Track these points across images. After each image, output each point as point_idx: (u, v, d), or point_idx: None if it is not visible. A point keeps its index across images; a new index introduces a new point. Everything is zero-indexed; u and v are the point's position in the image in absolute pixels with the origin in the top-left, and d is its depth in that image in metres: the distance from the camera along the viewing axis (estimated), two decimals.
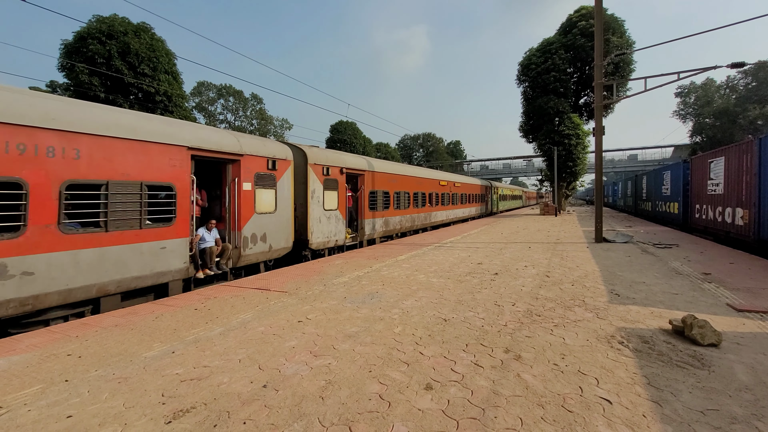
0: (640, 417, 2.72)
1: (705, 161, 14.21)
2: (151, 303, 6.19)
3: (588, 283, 6.93)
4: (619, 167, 70.58)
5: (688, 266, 8.35)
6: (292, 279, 7.78)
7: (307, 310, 5.53)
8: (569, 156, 29.93)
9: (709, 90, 53.07)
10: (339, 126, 54.57)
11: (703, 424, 2.62)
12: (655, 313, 5.09)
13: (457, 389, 3.15)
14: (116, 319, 5.33)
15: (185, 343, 4.32)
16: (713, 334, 3.99)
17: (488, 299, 5.94)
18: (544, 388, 3.15)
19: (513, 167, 79.23)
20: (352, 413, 2.83)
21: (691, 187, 15.77)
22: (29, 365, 3.82)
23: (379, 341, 4.27)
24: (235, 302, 6.07)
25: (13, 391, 3.26)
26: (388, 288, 6.79)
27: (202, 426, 2.70)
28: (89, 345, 4.35)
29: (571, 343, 4.10)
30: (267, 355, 3.95)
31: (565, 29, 31.24)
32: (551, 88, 30.06)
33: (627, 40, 28.95)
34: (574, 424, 2.65)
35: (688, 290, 6.30)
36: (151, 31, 26.84)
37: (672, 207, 18.43)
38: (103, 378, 3.49)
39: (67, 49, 24.15)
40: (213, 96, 53.09)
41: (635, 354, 3.80)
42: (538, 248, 11.67)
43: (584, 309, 5.35)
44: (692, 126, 54.06)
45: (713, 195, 13.39)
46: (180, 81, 28.90)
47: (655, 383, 3.19)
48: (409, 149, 78.77)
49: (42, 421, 2.78)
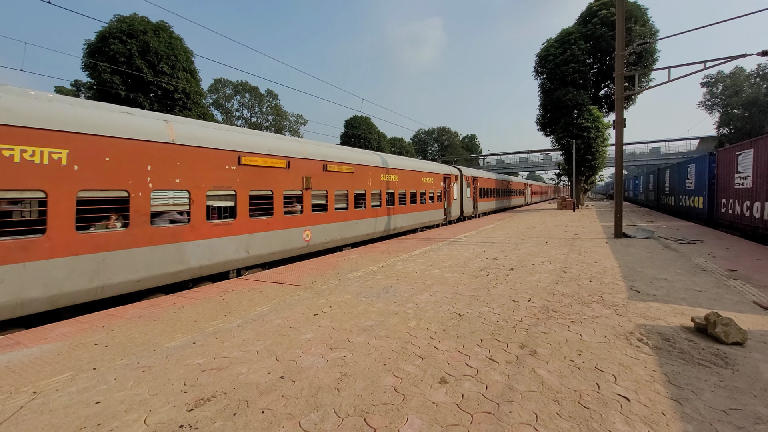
0: (659, 415, 2.67)
1: (732, 154, 13.67)
2: (173, 296, 6.39)
3: (606, 279, 6.80)
4: (640, 161, 68.52)
5: (712, 262, 8.09)
6: (307, 273, 7.89)
7: (323, 304, 5.61)
8: (588, 149, 29.20)
9: (738, 79, 50.84)
10: (353, 121, 54.63)
11: (726, 423, 2.56)
12: (677, 311, 4.96)
13: (471, 383, 3.16)
14: (140, 311, 5.52)
15: (205, 335, 4.45)
16: (738, 332, 3.87)
17: (503, 295, 5.90)
18: (560, 384, 3.13)
19: (530, 161, 77.87)
20: (367, 405, 2.87)
21: (717, 180, 15.21)
22: (60, 353, 4.00)
23: (394, 335, 4.31)
24: (253, 295, 6.20)
25: (45, 378, 3.43)
26: (403, 283, 6.81)
27: (222, 414, 2.79)
28: (115, 335, 4.53)
29: (589, 340, 4.05)
30: (284, 347, 4.03)
31: (585, 19, 30.36)
32: (570, 80, 29.34)
33: (650, 28, 27.92)
34: (591, 420, 2.62)
35: (712, 287, 6.11)
36: (170, 30, 27.33)
37: (696, 201, 17.84)
38: (129, 366, 3.63)
39: (90, 48, 24.82)
40: (230, 93, 53.87)
41: (655, 351, 3.72)
42: (555, 243, 11.49)
43: (602, 305, 5.26)
44: (719, 117, 51.98)
45: (741, 189, 12.88)
46: (198, 78, 29.39)
47: (675, 381, 3.13)
48: (423, 144, 78.31)
49: (72, 406, 2.93)
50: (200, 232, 7.18)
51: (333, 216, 11.08)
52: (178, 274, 6.86)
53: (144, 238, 6.27)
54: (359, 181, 12.49)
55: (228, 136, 7.93)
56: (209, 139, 7.47)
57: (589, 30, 29.17)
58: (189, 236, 6.96)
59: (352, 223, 12.03)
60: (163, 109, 25.78)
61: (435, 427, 2.58)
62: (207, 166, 7.35)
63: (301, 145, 10.15)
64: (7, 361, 3.83)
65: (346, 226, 11.71)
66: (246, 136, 8.53)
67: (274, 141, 9.27)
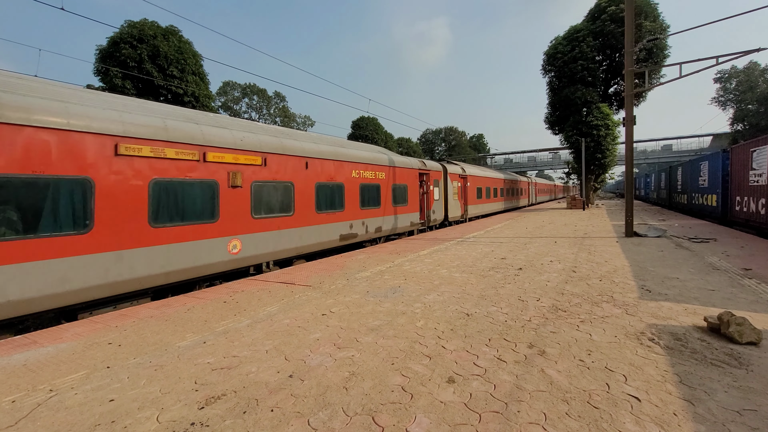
0: (670, 415, 2.64)
1: (747, 150, 13.39)
2: (183, 296, 6.47)
3: (617, 278, 6.72)
4: (651, 158, 67.37)
5: (726, 261, 7.94)
6: (315, 273, 7.93)
7: (331, 304, 5.64)
8: (598, 147, 28.83)
9: (753, 74, 49.71)
10: (360, 122, 54.71)
11: (739, 424, 2.52)
12: (689, 310, 4.88)
13: (479, 383, 3.15)
14: (151, 311, 5.61)
15: (215, 334, 4.51)
16: (752, 331, 3.80)
17: (512, 294, 5.86)
18: (569, 383, 3.11)
19: (538, 160, 77.16)
20: (375, 404, 2.88)
21: (731, 178, 14.91)
22: (75, 352, 4.09)
23: (402, 335, 4.31)
24: (261, 295, 6.26)
25: (61, 376, 3.51)
26: (411, 282, 6.82)
27: (232, 412, 2.82)
28: (127, 335, 4.61)
29: (598, 340, 4.01)
30: (292, 346, 4.07)
31: (594, 15, 29.98)
32: (579, 78, 29.00)
33: (660, 24, 27.46)
34: (600, 420, 2.60)
35: (725, 286, 6.00)
36: (179, 34, 27.71)
37: (710, 199, 17.52)
38: (141, 365, 3.70)
39: (102, 54, 25.29)
40: (238, 95, 54.37)
41: (666, 351, 3.67)
42: (564, 243, 11.38)
43: (612, 305, 5.20)
44: (733, 113, 50.92)
45: (756, 186, 12.61)
46: (207, 81, 29.74)
47: (687, 381, 3.09)
48: (431, 144, 78.12)
49: (87, 404, 2.99)
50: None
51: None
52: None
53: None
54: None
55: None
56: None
57: (597, 27, 28.81)
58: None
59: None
60: None
61: (443, 426, 2.59)
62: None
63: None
64: (25, 359, 3.93)
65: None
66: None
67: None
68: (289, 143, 9.47)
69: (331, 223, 10.75)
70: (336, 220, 10.95)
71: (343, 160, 11.36)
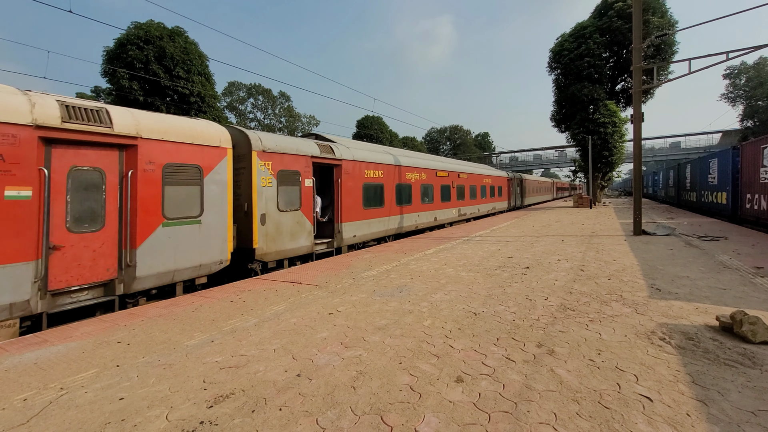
0: (683, 416, 2.60)
1: (757, 147, 13.19)
2: (191, 295, 6.52)
3: (626, 277, 6.65)
4: (659, 156, 66.63)
5: (737, 260, 7.82)
6: (321, 272, 7.94)
7: (338, 303, 5.64)
8: (605, 145, 28.51)
9: (763, 70, 48.99)
10: (365, 121, 54.74)
11: (754, 425, 2.47)
12: (700, 309, 4.82)
13: (488, 383, 3.13)
14: (159, 310, 5.65)
15: (223, 333, 4.53)
16: (766, 331, 3.74)
17: (519, 293, 5.83)
18: (579, 383, 3.07)
19: (544, 158, 76.65)
20: (383, 403, 2.87)
21: (741, 175, 14.70)
22: (84, 351, 4.13)
23: (409, 334, 4.30)
24: (269, 295, 6.28)
25: (71, 374, 3.54)
26: (417, 281, 6.80)
27: (241, 411, 2.83)
28: (136, 333, 4.65)
29: (608, 339, 3.97)
30: (300, 345, 4.07)
31: (600, 12, 29.69)
32: (585, 75, 28.73)
33: (669, 20, 27.11)
34: (612, 420, 2.57)
35: (737, 285, 5.91)
36: (185, 35, 27.89)
37: (719, 197, 17.29)
38: (150, 364, 3.72)
39: (109, 55, 25.53)
40: (243, 95, 54.64)
41: (678, 351, 3.62)
42: (571, 241, 11.29)
43: (622, 304, 5.14)
44: (743, 110, 50.22)
45: (767, 183, 12.43)
46: (212, 82, 29.93)
47: (700, 381, 3.04)
48: (435, 142, 77.95)
49: (97, 402, 3.02)
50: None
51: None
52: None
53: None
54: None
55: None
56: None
57: (604, 23, 28.51)
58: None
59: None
60: (179, 113, 26.30)
61: (452, 425, 2.57)
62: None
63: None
64: (36, 358, 3.98)
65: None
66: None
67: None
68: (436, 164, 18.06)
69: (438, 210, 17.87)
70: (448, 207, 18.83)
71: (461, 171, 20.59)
